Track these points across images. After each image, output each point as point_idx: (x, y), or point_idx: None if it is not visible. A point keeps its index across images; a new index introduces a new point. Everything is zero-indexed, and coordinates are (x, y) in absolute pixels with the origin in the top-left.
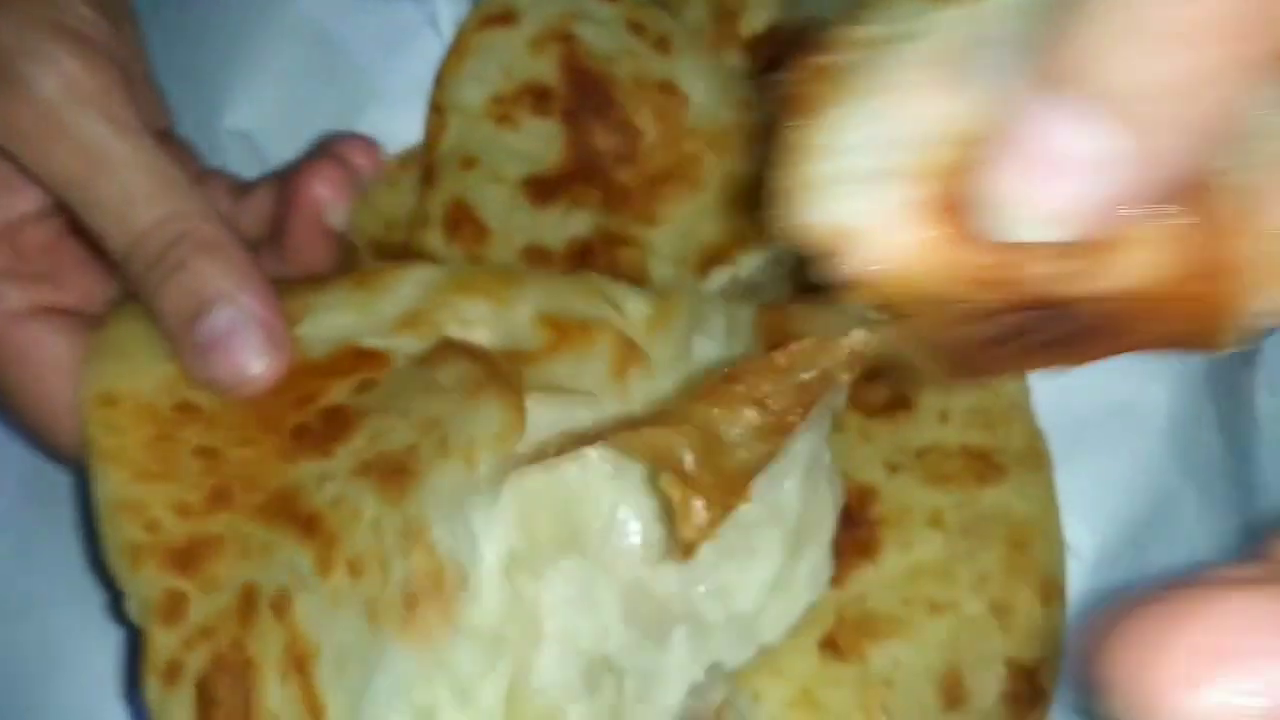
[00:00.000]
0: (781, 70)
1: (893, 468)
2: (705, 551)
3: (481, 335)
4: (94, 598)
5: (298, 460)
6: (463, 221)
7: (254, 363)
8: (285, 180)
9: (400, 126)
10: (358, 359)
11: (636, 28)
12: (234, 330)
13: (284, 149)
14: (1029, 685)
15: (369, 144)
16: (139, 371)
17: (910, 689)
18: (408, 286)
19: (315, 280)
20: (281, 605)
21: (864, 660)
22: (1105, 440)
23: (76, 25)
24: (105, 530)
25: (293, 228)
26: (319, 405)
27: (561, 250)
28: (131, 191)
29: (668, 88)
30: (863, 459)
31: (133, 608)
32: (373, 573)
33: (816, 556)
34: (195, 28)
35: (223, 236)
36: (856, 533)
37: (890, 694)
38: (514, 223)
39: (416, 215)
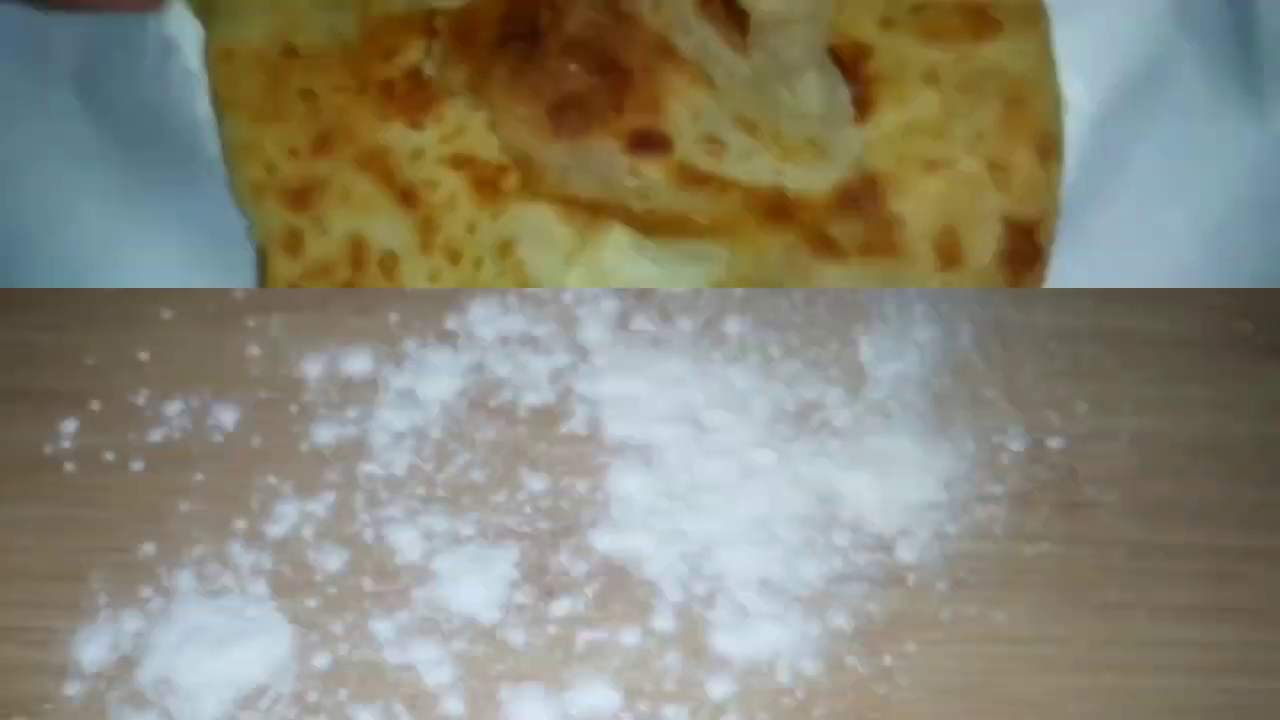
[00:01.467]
0: None
1: (887, 23)
2: None
3: None
4: (91, 149)
5: (388, 119)
6: None
7: None
8: None
9: None
10: (428, 15)
11: None
12: None
13: None
14: (1027, 242)
15: None
16: (249, 24)
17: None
18: None
19: None
20: (390, 266)
21: None
22: None
23: None
24: (232, 169)
25: None
26: (401, 64)
27: None
28: None
29: None
30: (856, 14)
31: (256, 233)
32: (466, 266)
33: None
34: None
35: None
36: (850, 90)
37: None
38: None
39: None
